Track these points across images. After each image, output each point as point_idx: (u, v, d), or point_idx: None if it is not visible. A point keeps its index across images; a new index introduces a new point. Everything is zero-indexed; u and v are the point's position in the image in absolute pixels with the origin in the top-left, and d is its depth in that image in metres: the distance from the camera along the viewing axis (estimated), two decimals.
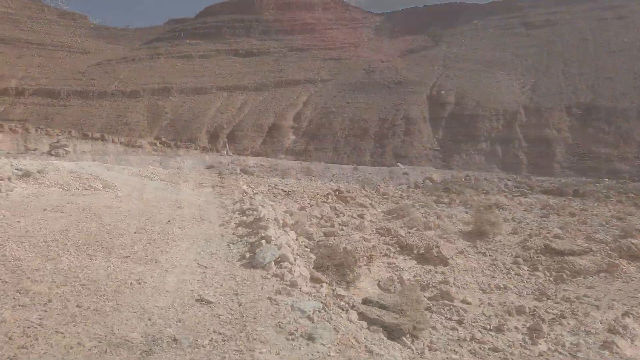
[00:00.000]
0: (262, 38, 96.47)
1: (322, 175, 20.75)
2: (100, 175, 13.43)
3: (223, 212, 9.67)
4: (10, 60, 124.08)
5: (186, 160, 19.11)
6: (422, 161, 51.29)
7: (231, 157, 22.64)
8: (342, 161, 53.76)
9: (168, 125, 69.41)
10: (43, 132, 20.14)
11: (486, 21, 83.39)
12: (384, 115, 58.84)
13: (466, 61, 69.34)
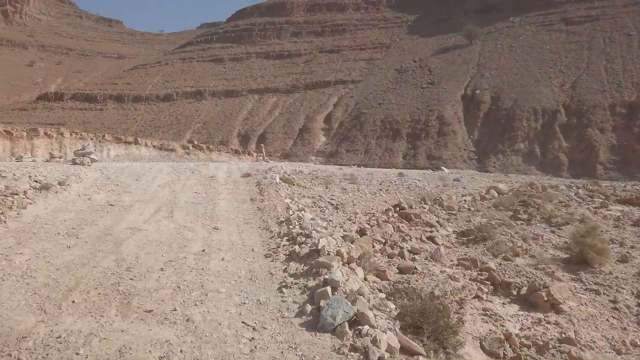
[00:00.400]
0: (292, 40, 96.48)
1: (368, 183, 18.86)
2: (128, 186, 12.36)
3: (267, 235, 8.21)
4: (51, 66, 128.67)
5: (220, 167, 17.87)
6: (457, 162, 49.84)
7: (268, 163, 21.24)
8: (374, 163, 52.88)
9: (200, 128, 70.07)
10: (77, 136, 20.07)
11: (523, 18, 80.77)
12: (416, 116, 57.60)
13: (502, 59, 67.25)
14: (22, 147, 17.58)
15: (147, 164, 17.47)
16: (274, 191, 12.58)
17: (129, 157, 23.33)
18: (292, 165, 25.48)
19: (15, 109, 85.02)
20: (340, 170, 24.24)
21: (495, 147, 50.60)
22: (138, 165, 16.85)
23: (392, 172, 27.79)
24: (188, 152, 28.33)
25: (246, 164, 21.30)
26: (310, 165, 28.74)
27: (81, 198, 10.47)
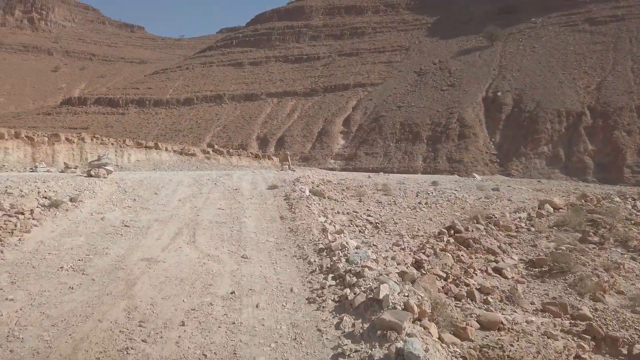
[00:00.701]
0: (311, 43, 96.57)
1: (404, 195, 17.44)
2: (146, 201, 11.43)
3: (306, 268, 6.97)
4: (75, 72, 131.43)
5: (244, 177, 16.79)
6: (478, 166, 49.06)
7: (294, 172, 20.51)
8: (393, 166, 52.42)
9: (220, 132, 70.54)
10: (99, 141, 20.18)
11: (545, 19, 79.32)
12: (436, 119, 56.93)
13: (524, 61, 66.10)
14: (43, 153, 17.65)
15: (167, 175, 16.25)
16: (305, 207, 11.34)
17: (150, 162, 23.26)
18: (319, 174, 23.73)
19: (40, 114, 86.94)
20: (370, 179, 22.91)
21: (517, 150, 49.64)
22: (157, 176, 15.61)
23: (422, 179, 26.35)
24: (208, 157, 28.34)
25: (271, 173, 19.74)
26: (337, 174, 26.96)
27: (93, 217, 9.48)
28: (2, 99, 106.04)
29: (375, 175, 28.59)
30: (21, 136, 17.28)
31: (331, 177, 21.71)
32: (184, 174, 17.28)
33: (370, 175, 27.23)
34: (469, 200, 17.82)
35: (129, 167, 21.58)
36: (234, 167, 29.79)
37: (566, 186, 32.58)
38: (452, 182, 26.21)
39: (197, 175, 17.13)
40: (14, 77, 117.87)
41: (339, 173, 31.45)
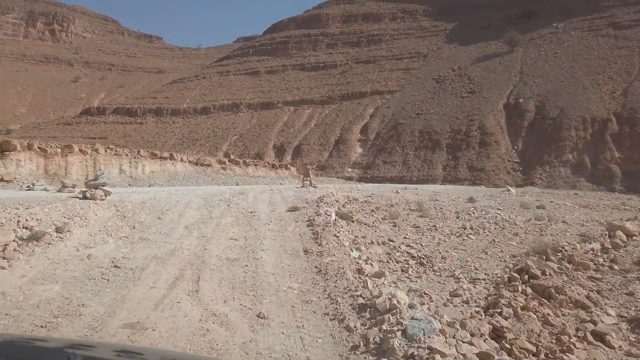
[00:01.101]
0: (328, 51, 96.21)
1: (442, 216, 15.92)
2: (146, 228, 9.72)
3: (344, 337, 5.22)
4: (94, 82, 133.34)
5: (261, 196, 14.83)
6: (500, 174, 47.73)
7: (316, 188, 18.53)
8: (412, 175, 51.37)
9: (237, 141, 70.33)
10: (112, 152, 19.74)
11: (567, 24, 77.67)
12: (456, 126, 55.75)
13: (546, 66, 64.57)
14: (56, 165, 17.23)
15: (174, 194, 14.01)
16: (333, 236, 9.67)
17: (164, 173, 22.72)
18: (342, 189, 22.02)
19: (59, 124, 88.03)
20: (398, 195, 20.97)
21: (541, 158, 48.18)
22: (164, 196, 13.45)
23: (455, 194, 24.15)
24: (224, 168, 27.79)
25: (291, 191, 17.56)
26: (362, 188, 24.57)
27: (79, 254, 7.78)
28: (24, 109, 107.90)
29: (403, 189, 26.10)
30: (34, 148, 16.94)
31: (357, 194, 19.88)
32: (193, 192, 15.00)
33: (398, 190, 24.75)
34: (518, 223, 15.86)
35: (143, 178, 21.15)
36: (250, 177, 29.02)
37: (609, 199, 30.24)
38: (488, 197, 24.42)
39: (209, 194, 14.91)
40: (36, 88, 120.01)
41: (363, 187, 29.01)
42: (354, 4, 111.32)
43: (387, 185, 35.11)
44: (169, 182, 22.25)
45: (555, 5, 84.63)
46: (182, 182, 23.04)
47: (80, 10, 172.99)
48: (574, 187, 44.07)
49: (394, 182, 51.25)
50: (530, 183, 45.41)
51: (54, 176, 17.04)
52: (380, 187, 28.88)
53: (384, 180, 52.11)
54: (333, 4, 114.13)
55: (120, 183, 19.53)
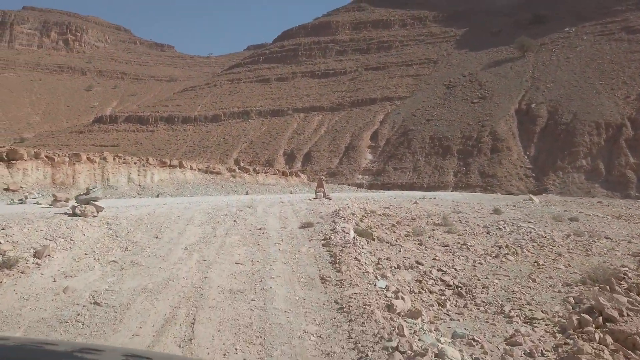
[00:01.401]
0: (338, 58, 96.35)
1: (471, 231, 14.53)
2: (140, 250, 8.45)
3: None
4: (107, 91, 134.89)
5: (271, 210, 13.40)
6: (512, 180, 47.19)
7: (330, 200, 17.00)
8: (423, 181, 51.00)
9: (247, 148, 70.51)
10: (121, 160, 19.61)
11: (579, 28, 76.98)
12: (467, 132, 55.32)
13: (558, 71, 63.95)
14: (63, 174, 17.07)
15: (176, 209, 12.62)
16: (354, 260, 8.30)
17: (173, 181, 22.58)
18: (358, 200, 20.42)
19: (73, 132, 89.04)
20: (418, 206, 19.99)
21: (554, 164, 47.56)
22: (164, 211, 12.08)
23: (477, 204, 22.99)
24: (234, 175, 27.63)
25: (303, 203, 15.96)
26: (378, 199, 23.13)
27: (55, 286, 6.50)
28: (38, 118, 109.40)
29: (421, 198, 24.99)
30: (41, 156, 16.79)
31: (373, 205, 18.54)
32: (198, 206, 13.44)
33: (416, 200, 23.09)
34: (557, 240, 14.20)
35: (152, 187, 21.01)
36: (260, 185, 28.64)
37: (636, 208, 28.76)
38: (512, 207, 23.21)
39: (214, 207, 13.44)
40: (49, 96, 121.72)
41: (378, 196, 27.08)
42: (363, 11, 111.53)
43: (402, 194, 33.44)
44: (178, 190, 21.98)
45: (566, 10, 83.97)
46: (191, 190, 22.83)
47: (93, 21, 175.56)
48: (588, 193, 43.41)
49: (404, 188, 50.93)
50: (543, 189, 44.82)
51: (61, 185, 16.95)
52: (396, 197, 27.42)
53: (394, 187, 51.81)
54: (343, 11, 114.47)
55: (128, 192, 19.29)
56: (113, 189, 18.81)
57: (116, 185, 19.13)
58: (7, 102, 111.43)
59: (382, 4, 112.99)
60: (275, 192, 28.24)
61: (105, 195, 17.82)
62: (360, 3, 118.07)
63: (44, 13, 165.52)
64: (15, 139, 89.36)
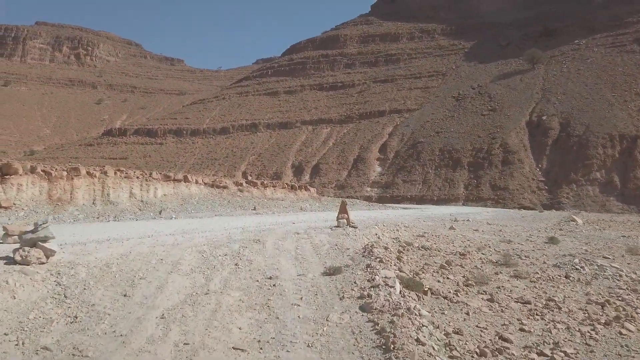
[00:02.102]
0: (346, 71, 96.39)
1: (544, 275, 11.62)
2: (95, 324, 5.56)
3: None
4: (117, 104, 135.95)
5: (285, 245, 10.69)
6: (525, 193, 46.31)
7: (355, 229, 13.19)
8: (433, 194, 50.24)
9: (255, 160, 70.22)
10: (123, 175, 18.67)
11: (590, 40, 76.37)
12: (478, 145, 54.61)
13: (569, 83, 63.22)
14: (60, 189, 16.22)
15: (161, 245, 9.32)
16: (414, 342, 5.49)
17: (178, 196, 21.72)
18: (386, 225, 16.51)
19: (82, 145, 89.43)
20: (456, 232, 17.02)
21: (567, 177, 46.63)
22: (144, 250, 8.65)
23: (516, 225, 20.88)
24: (241, 190, 26.77)
25: (324, 235, 12.30)
26: (408, 224, 18.51)
27: None
28: (48, 131, 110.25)
29: (453, 220, 21.59)
30: (37, 171, 15.98)
31: (405, 233, 15.29)
32: (190, 241, 10.19)
33: (453, 225, 19.44)
34: (617, 268, 11.90)
35: (154, 202, 20.00)
36: (268, 200, 27.45)
37: None
38: (559, 231, 20.37)
39: (211, 242, 10.23)
40: (60, 110, 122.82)
41: (402, 216, 23.11)
42: (371, 24, 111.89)
43: (430, 213, 28.28)
44: (182, 205, 21.14)
45: (576, 23, 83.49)
46: (196, 206, 21.88)
47: (104, 35, 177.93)
48: (603, 206, 42.44)
49: (414, 201, 50.20)
50: (557, 202, 43.90)
51: (58, 202, 16.02)
52: (423, 217, 23.30)
53: (404, 200, 51.09)
54: (350, 25, 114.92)
55: (129, 208, 18.32)
56: (113, 205, 17.90)
57: (117, 200, 18.18)
58: (19, 115, 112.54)
59: (390, 17, 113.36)
60: (284, 208, 26.91)
61: (104, 212, 16.69)
62: (368, 17, 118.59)
63: (56, 28, 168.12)
64: (25, 151, 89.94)
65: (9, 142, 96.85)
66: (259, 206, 25.22)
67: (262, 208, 25.15)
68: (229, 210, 22.60)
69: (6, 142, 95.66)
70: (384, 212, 29.30)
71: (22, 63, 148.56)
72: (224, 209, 22.66)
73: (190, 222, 15.60)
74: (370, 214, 25.10)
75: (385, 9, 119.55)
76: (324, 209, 29.29)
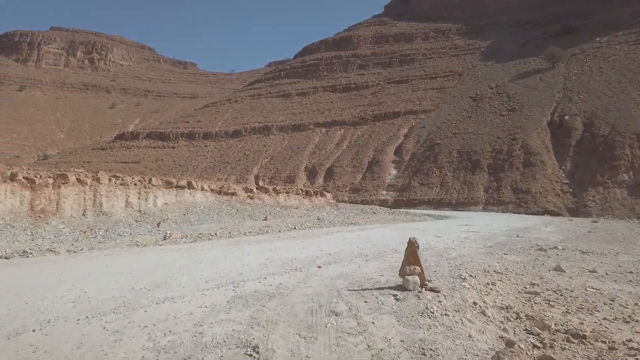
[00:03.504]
0: (359, 72, 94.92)
1: None
2: None
3: None
4: (130, 108, 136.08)
5: (309, 283, 7.34)
6: (548, 196, 44.35)
7: (437, 293, 6.73)
8: (452, 197, 48.52)
9: (267, 163, 69.07)
10: (119, 181, 17.13)
11: (611, 37, 73.89)
12: (497, 146, 52.73)
13: (591, 82, 60.97)
14: (45, 198, 14.30)
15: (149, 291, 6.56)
16: None
17: (181, 205, 19.75)
18: (474, 274, 9.29)
19: (94, 149, 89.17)
20: (572, 282, 10.05)
21: (593, 179, 44.56)
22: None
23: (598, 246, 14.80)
24: (251, 196, 24.62)
25: (387, 318, 5.54)
26: (484, 256, 12.29)
27: None
28: (62, 135, 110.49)
29: (533, 246, 15.41)
30: (18, 178, 14.26)
31: (505, 288, 8.50)
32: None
33: (544, 255, 13.46)
34: None
35: (154, 212, 18.03)
36: (281, 208, 24.94)
37: None
38: None
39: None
40: (74, 114, 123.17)
41: (470, 245, 14.33)
42: (384, 25, 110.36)
43: (476, 226, 23.10)
44: (185, 216, 19.07)
45: (596, 21, 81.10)
46: (201, 215, 19.80)
47: (118, 40, 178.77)
48: (632, 210, 40.32)
49: (431, 205, 48.53)
50: (582, 206, 41.90)
51: (41, 213, 14.00)
52: (486, 238, 16.58)
53: (421, 204, 49.45)
54: (364, 26, 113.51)
55: (124, 219, 16.23)
56: (107, 216, 15.98)
57: (110, 211, 16.29)
58: (33, 120, 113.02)
59: (404, 18, 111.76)
60: (299, 218, 23.90)
61: (95, 224, 14.77)
62: (381, 17, 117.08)
63: (70, 33, 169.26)
64: (39, 155, 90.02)
65: (23, 146, 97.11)
66: (270, 215, 23.05)
67: (275, 217, 22.74)
68: (237, 221, 20.35)
69: (20, 147, 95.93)
70: (418, 225, 23.83)
71: (37, 68, 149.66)
72: (231, 219, 20.60)
73: (163, 259, 10.15)
74: (407, 233, 16.80)
75: (399, 10, 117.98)
76: (345, 219, 25.49)
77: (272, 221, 21.19)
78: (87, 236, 13.47)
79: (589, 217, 39.52)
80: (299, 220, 22.47)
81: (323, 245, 12.75)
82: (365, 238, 12.91)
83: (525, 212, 42.83)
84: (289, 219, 22.93)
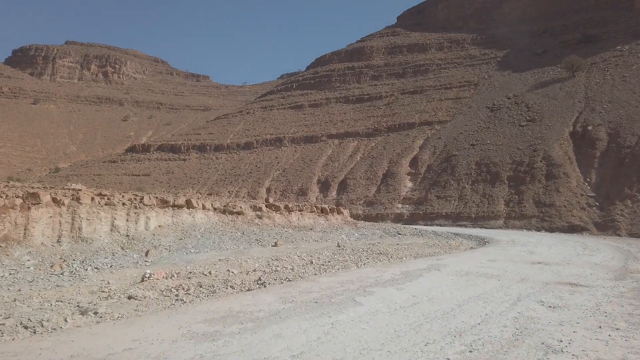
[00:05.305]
0: (372, 83, 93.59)
1: None
2: None
3: None
4: (143, 120, 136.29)
5: None
6: (573, 210, 42.16)
7: None
8: (471, 211, 46.52)
9: (279, 176, 67.71)
10: (104, 201, 14.79)
11: (633, 46, 71.65)
12: (518, 157, 50.70)
13: (615, 91, 58.76)
14: (10, 223, 11.65)
15: None
16: None
17: (177, 227, 17.07)
18: None
19: (106, 161, 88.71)
20: None
21: (621, 192, 42.29)
22: None
23: None
24: (260, 216, 22.04)
25: None
26: None
27: None
28: (75, 147, 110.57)
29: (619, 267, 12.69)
30: None
31: None
32: None
33: None
34: None
35: (145, 236, 15.45)
36: (294, 228, 22.62)
37: None
38: None
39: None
40: (87, 127, 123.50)
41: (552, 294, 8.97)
42: (398, 36, 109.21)
43: (538, 254, 16.98)
44: (182, 240, 16.46)
45: (617, 29, 78.94)
46: (200, 240, 17.19)
47: (132, 53, 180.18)
48: None
49: (450, 219, 46.61)
50: (610, 220, 39.64)
51: (3, 241, 11.33)
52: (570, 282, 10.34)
53: (438, 217, 47.55)
54: (377, 36, 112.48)
55: (108, 246, 13.58)
56: (86, 243, 13.40)
57: (92, 237, 13.73)
58: (47, 133, 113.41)
59: (417, 28, 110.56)
60: (315, 242, 20.77)
61: (71, 253, 12.47)
62: (394, 28, 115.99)
63: (85, 47, 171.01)
64: (50, 168, 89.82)
65: (35, 159, 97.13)
66: (281, 239, 19.95)
67: (286, 242, 19.69)
68: (242, 247, 17.42)
69: (32, 160, 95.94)
70: (473, 256, 15.88)
71: (52, 81, 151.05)
72: (235, 245, 17.65)
73: None
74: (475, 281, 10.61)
75: (412, 20, 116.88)
76: (371, 246, 19.23)
77: (283, 248, 18.14)
78: (50, 273, 11.06)
79: (618, 232, 37.35)
80: (315, 247, 18.63)
81: (357, 335, 6.01)
82: (428, 305, 7.71)
83: (549, 226, 40.74)
84: (303, 244, 19.77)
